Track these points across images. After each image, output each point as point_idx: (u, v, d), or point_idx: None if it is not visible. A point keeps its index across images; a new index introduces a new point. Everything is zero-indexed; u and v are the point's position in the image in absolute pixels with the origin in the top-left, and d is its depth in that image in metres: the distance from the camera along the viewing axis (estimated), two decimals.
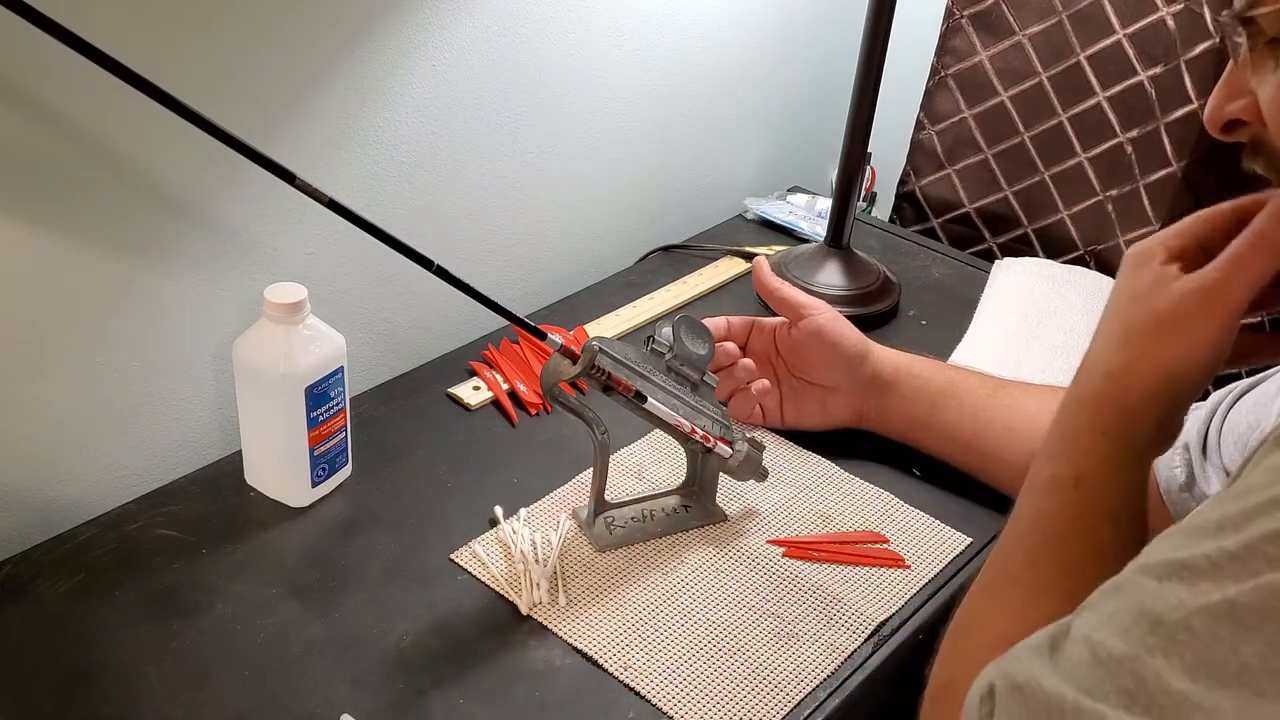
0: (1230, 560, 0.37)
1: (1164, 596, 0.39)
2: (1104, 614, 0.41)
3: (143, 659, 0.67)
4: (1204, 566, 0.38)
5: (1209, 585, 0.37)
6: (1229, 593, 0.37)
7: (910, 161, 1.27)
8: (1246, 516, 0.38)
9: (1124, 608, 0.40)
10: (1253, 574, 0.37)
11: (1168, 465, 0.75)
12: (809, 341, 0.87)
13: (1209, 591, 0.37)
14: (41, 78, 0.67)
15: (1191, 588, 0.38)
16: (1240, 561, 0.37)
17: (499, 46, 0.93)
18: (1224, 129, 0.53)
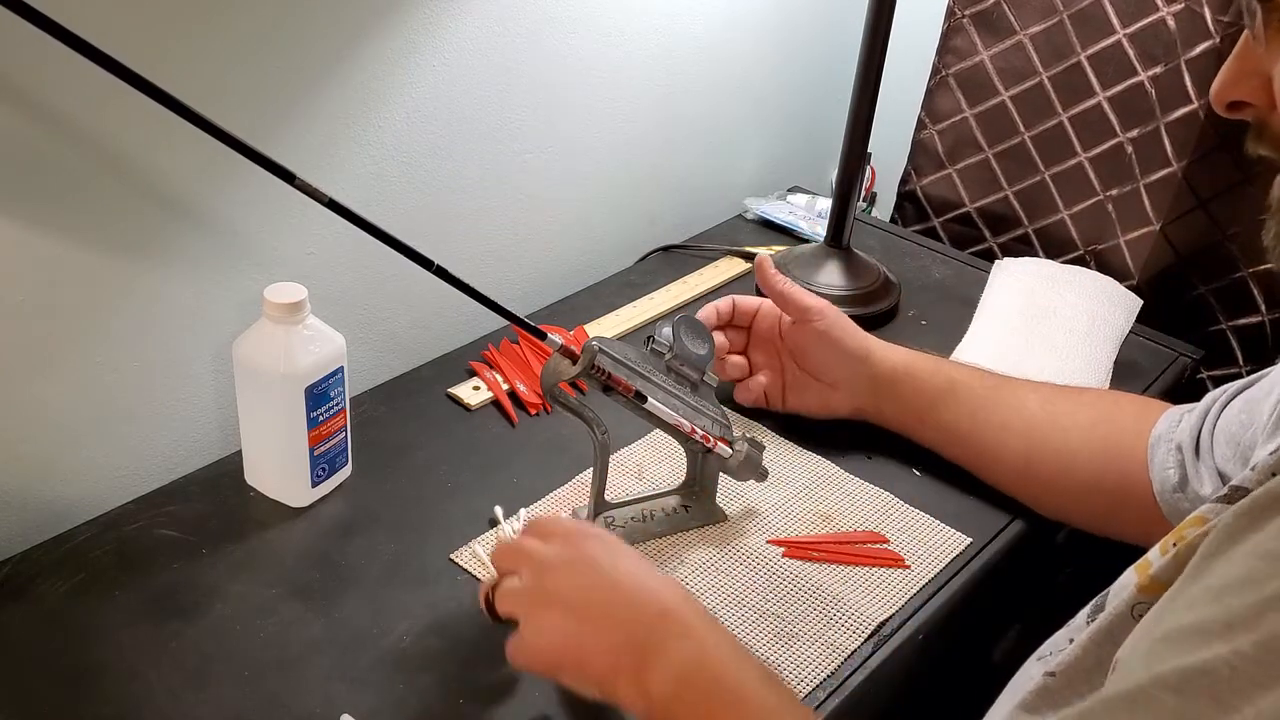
0: (1250, 664, 0.36)
1: (1192, 715, 0.37)
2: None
3: (143, 659, 0.67)
4: (1224, 674, 0.37)
5: (1236, 699, 0.36)
6: (1260, 705, 0.35)
7: (911, 161, 1.27)
8: (1255, 613, 0.37)
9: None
10: (1275, 679, 0.35)
11: (1161, 466, 0.75)
12: (811, 343, 0.87)
13: (1239, 705, 0.36)
14: (41, 78, 0.67)
15: (1219, 703, 0.36)
16: (1260, 665, 0.36)
17: (499, 46, 0.93)
18: (1229, 107, 0.52)
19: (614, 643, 0.58)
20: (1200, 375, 1.13)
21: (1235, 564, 0.39)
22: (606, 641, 0.58)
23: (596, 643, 0.58)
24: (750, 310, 0.90)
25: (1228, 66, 0.51)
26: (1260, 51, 0.49)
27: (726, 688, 0.56)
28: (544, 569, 0.61)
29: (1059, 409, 0.81)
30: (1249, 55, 0.50)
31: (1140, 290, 1.12)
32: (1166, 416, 0.77)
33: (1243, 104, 0.51)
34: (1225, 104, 0.52)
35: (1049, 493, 0.81)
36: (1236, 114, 0.52)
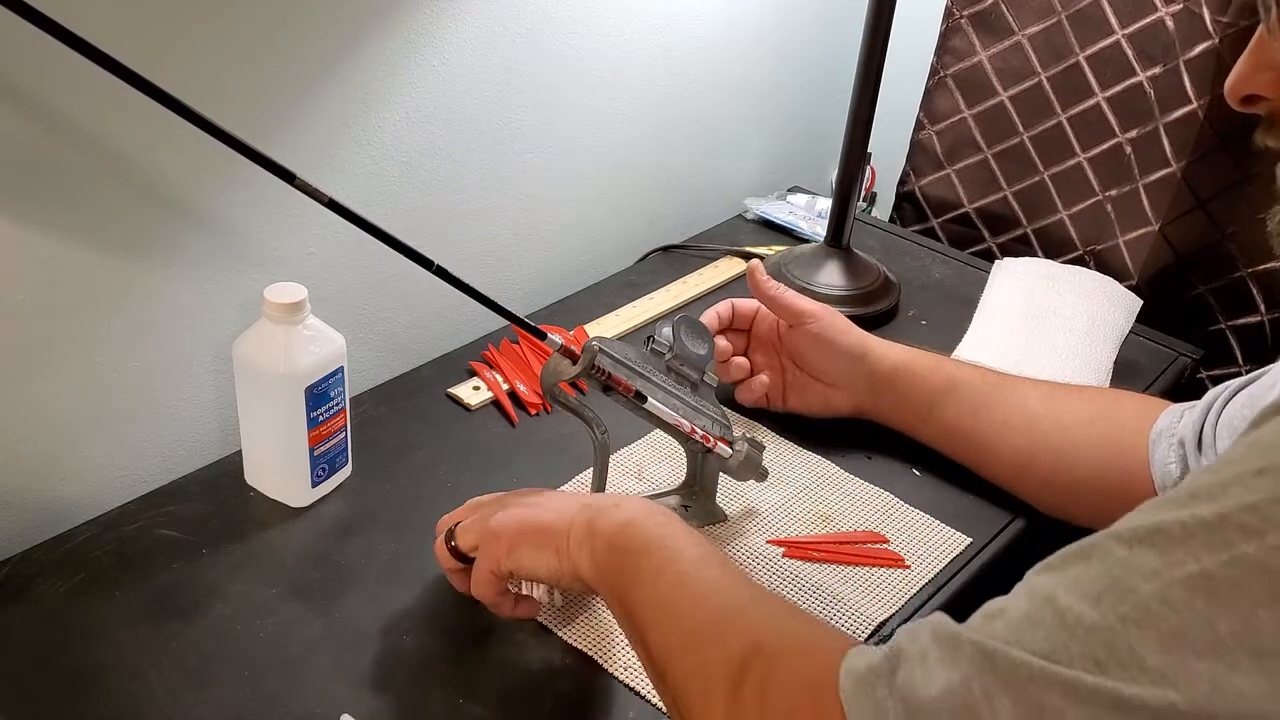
0: (1204, 529, 0.37)
1: (1136, 566, 0.38)
2: (1069, 578, 0.40)
3: (143, 659, 0.67)
4: (1177, 534, 0.38)
5: (1183, 554, 0.37)
6: (1205, 564, 0.36)
7: (910, 161, 1.27)
8: (1222, 487, 0.38)
9: (1093, 574, 0.39)
10: (1227, 544, 0.36)
11: (1163, 461, 0.75)
12: (807, 345, 0.87)
13: (1183, 561, 0.37)
14: (41, 78, 0.67)
15: (1165, 556, 0.38)
16: (1214, 530, 0.37)
17: (499, 46, 0.93)
18: (1244, 101, 0.52)
19: (566, 509, 0.65)
20: (1200, 375, 1.13)
21: (1221, 456, 0.41)
22: (559, 509, 0.65)
23: (551, 512, 0.65)
24: (749, 313, 0.90)
25: (1243, 61, 0.51)
26: (1275, 46, 0.49)
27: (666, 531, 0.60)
28: (489, 501, 0.70)
29: (1060, 406, 0.81)
30: (1264, 50, 0.50)
31: (1139, 290, 1.12)
32: (1168, 413, 0.77)
33: (1257, 98, 0.52)
34: (1240, 98, 0.52)
35: (1050, 489, 0.81)
36: (1251, 108, 0.53)
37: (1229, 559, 0.36)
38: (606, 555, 0.61)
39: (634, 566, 0.59)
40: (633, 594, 0.58)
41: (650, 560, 0.59)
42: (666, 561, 0.58)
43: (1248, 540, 0.36)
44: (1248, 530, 0.36)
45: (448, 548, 0.69)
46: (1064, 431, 0.80)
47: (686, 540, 0.60)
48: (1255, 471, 0.38)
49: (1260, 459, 0.38)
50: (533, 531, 0.64)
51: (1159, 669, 0.36)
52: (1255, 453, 0.39)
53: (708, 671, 0.52)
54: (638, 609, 0.58)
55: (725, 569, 0.58)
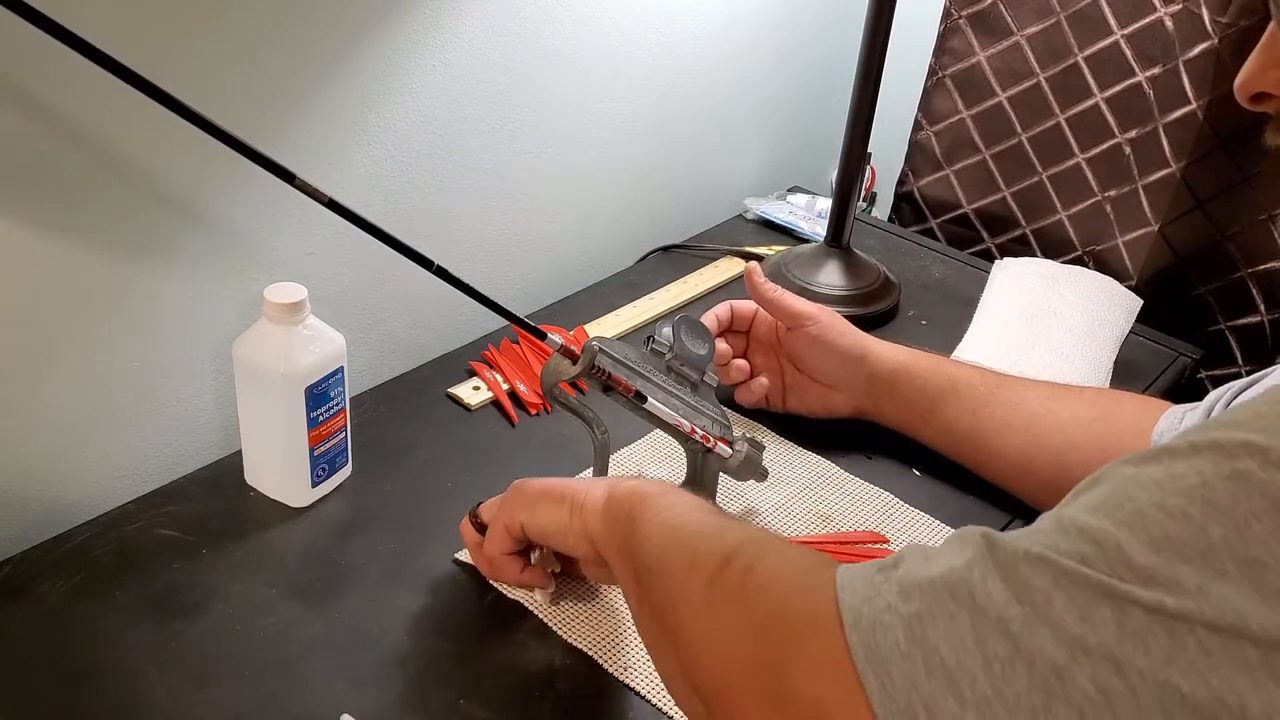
0: (1212, 447, 0.37)
1: (1139, 479, 0.39)
2: (1079, 501, 0.41)
3: (143, 659, 0.67)
4: (1184, 451, 0.38)
5: (1186, 467, 0.37)
6: (1207, 476, 0.37)
7: (908, 162, 1.27)
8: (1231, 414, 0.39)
9: (1099, 492, 0.40)
10: (1230, 459, 0.37)
11: None
12: (805, 347, 0.87)
13: (1186, 474, 0.37)
14: (41, 78, 0.67)
15: (1168, 469, 0.38)
16: (1221, 448, 0.37)
17: (499, 46, 0.93)
18: (1253, 99, 0.52)
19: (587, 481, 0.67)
20: (1200, 375, 1.13)
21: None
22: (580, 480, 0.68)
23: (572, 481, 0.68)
24: (748, 315, 0.90)
25: (1253, 59, 0.51)
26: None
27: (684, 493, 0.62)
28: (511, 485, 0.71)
29: (1059, 407, 0.81)
30: (1274, 47, 0.51)
31: (1139, 291, 1.12)
32: (1168, 414, 0.77)
33: (1266, 95, 0.52)
34: (1249, 95, 0.52)
35: (1049, 491, 0.81)
36: (1260, 106, 0.53)
37: (1231, 472, 0.36)
38: (616, 508, 0.62)
39: (640, 509, 0.60)
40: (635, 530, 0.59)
41: (657, 502, 0.60)
42: (672, 504, 0.59)
43: (1252, 457, 0.36)
44: (1253, 449, 0.36)
45: (471, 521, 0.73)
46: (1064, 432, 0.80)
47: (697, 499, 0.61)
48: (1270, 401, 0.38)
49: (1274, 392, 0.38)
50: (554, 490, 0.67)
51: (1147, 569, 0.37)
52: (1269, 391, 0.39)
53: (692, 560, 0.52)
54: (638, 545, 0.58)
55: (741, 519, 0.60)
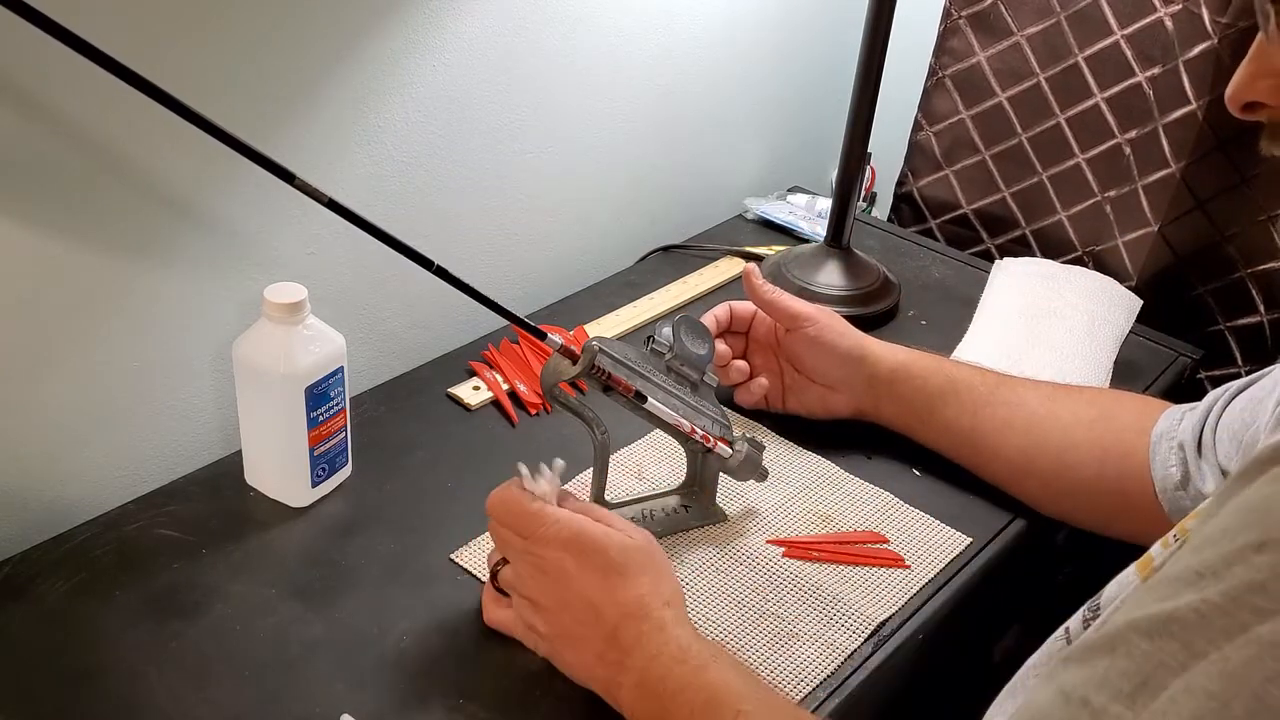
0: (1218, 613, 0.38)
1: (1162, 659, 0.38)
2: (1099, 674, 0.40)
3: (143, 659, 0.67)
4: (1193, 621, 0.38)
5: (1203, 643, 0.37)
6: (1224, 649, 0.37)
7: (908, 162, 1.27)
8: (1225, 563, 0.38)
9: (1122, 670, 0.40)
10: (1241, 628, 0.37)
11: (1163, 464, 0.75)
12: (804, 349, 0.87)
13: (1205, 651, 0.37)
14: (41, 78, 0.67)
15: (1187, 647, 0.38)
16: (1228, 615, 0.37)
17: (499, 46, 0.93)
18: (1244, 108, 0.52)
19: (586, 657, 0.64)
20: (1200, 375, 1.13)
21: (1219, 519, 0.41)
22: (579, 655, 0.65)
23: (573, 656, 0.65)
24: (747, 316, 0.90)
25: (1243, 68, 0.51)
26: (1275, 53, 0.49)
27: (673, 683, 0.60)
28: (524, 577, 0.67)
29: (1060, 407, 0.81)
30: (1264, 57, 0.50)
31: (1139, 291, 1.12)
32: (1167, 415, 0.77)
33: (1258, 105, 0.52)
34: (1240, 105, 0.52)
35: (1049, 491, 0.81)
36: (1251, 115, 0.52)
37: (1243, 641, 0.37)
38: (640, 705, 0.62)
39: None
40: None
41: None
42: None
43: (1261, 621, 0.37)
44: (1260, 612, 0.37)
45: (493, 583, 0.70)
46: (1064, 432, 0.80)
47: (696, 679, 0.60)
48: (1255, 546, 0.38)
49: (1259, 530, 0.38)
50: (567, 669, 0.66)
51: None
52: (1252, 521, 0.39)
53: None
54: None
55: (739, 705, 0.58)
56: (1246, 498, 0.40)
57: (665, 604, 0.63)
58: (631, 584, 0.64)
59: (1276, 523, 0.38)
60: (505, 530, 0.67)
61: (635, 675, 0.61)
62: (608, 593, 0.63)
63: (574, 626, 0.64)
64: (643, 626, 0.62)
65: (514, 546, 0.66)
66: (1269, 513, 0.38)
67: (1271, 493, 0.39)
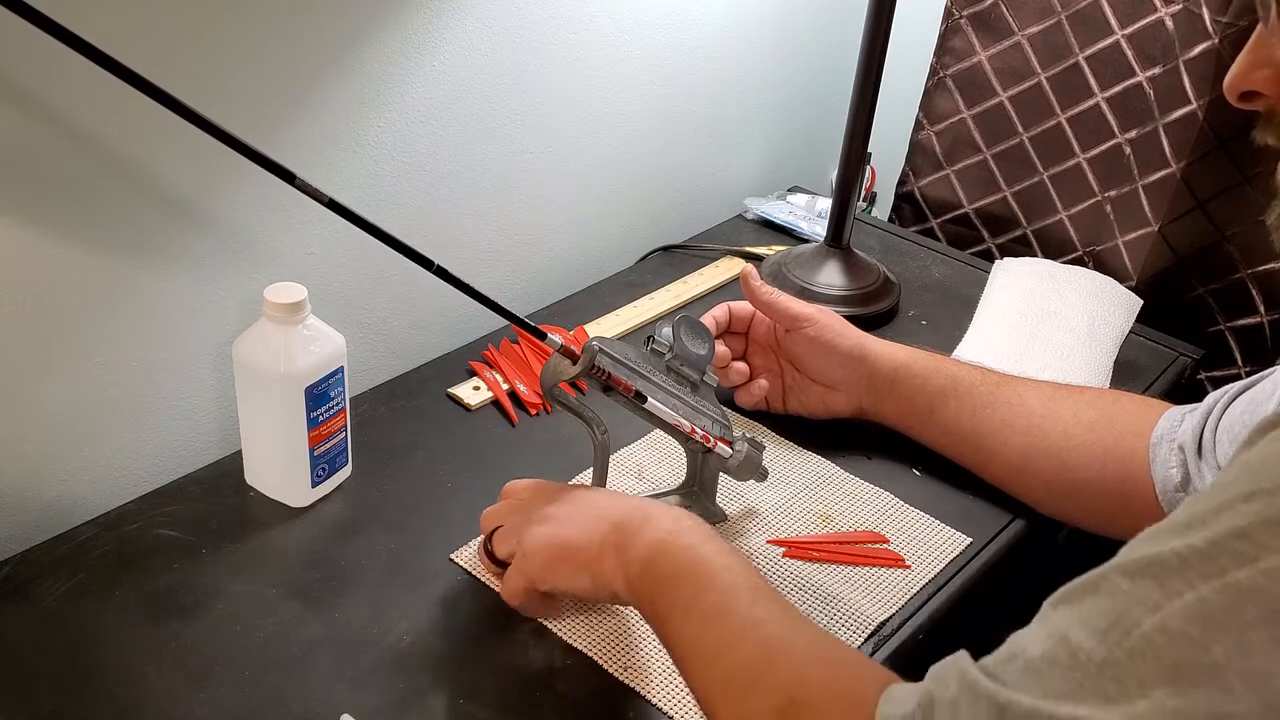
0: (1199, 557, 0.38)
1: (1139, 598, 0.39)
2: (1082, 613, 0.41)
3: (143, 659, 0.67)
4: (1174, 564, 0.39)
5: (1180, 583, 0.38)
6: (1201, 591, 0.37)
7: (909, 162, 1.27)
8: (1214, 512, 0.39)
9: (1100, 608, 0.40)
10: (1220, 571, 0.37)
11: (1164, 466, 0.75)
12: (804, 349, 0.87)
13: (1181, 591, 0.38)
14: (41, 78, 0.67)
15: (1163, 586, 0.39)
16: (1209, 559, 0.38)
17: (499, 46, 0.93)
18: (1242, 97, 0.53)
19: (597, 529, 0.65)
20: (1200, 376, 1.13)
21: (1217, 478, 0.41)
22: (590, 530, 0.65)
23: (582, 533, 0.66)
24: (746, 316, 0.90)
25: (1241, 58, 0.52)
26: (1274, 43, 0.50)
27: (697, 554, 0.61)
28: (525, 503, 0.70)
29: (1060, 407, 0.81)
30: (1262, 46, 0.51)
31: (1139, 291, 1.12)
32: (1168, 416, 0.77)
33: (1255, 94, 0.52)
34: (1238, 94, 0.52)
35: (1050, 492, 0.81)
36: (1249, 104, 0.53)
37: (1222, 585, 0.37)
38: (640, 582, 0.62)
39: (666, 597, 0.60)
40: (667, 626, 0.60)
41: (681, 591, 0.60)
42: (697, 592, 0.59)
43: (1240, 566, 0.37)
44: (1240, 556, 0.37)
45: (486, 553, 0.72)
46: (1064, 433, 0.80)
47: (716, 563, 0.60)
48: (1244, 496, 0.38)
49: (1249, 482, 0.39)
50: (564, 554, 0.66)
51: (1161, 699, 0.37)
52: (1245, 475, 0.39)
53: (752, 686, 0.54)
54: (673, 643, 0.60)
55: (755, 596, 0.59)
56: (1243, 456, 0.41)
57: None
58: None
59: (1269, 475, 0.38)
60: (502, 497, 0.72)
61: (658, 535, 0.63)
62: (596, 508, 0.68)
63: (587, 508, 0.67)
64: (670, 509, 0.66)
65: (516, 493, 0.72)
66: (1262, 467, 0.39)
67: (1270, 451, 0.39)
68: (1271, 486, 0.38)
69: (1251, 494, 0.38)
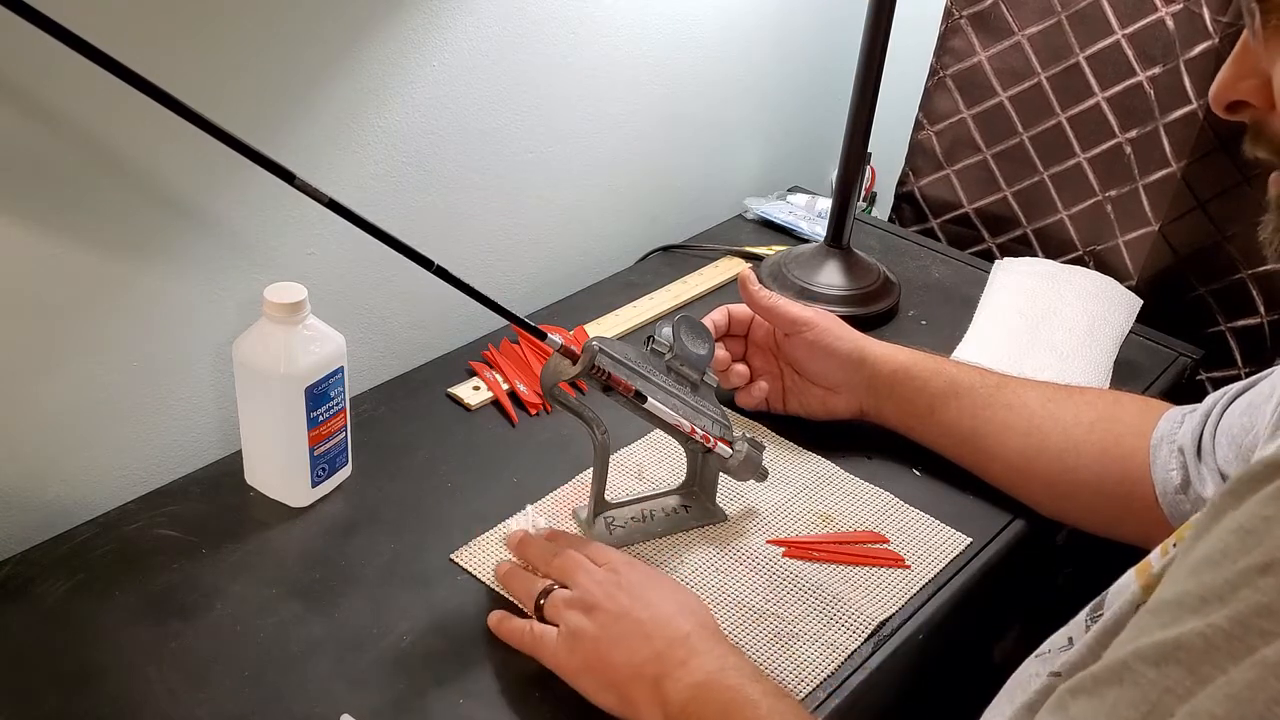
0: (1225, 639, 0.37)
1: (1168, 686, 0.38)
2: (1108, 704, 0.40)
3: (143, 659, 0.67)
4: (1200, 647, 0.38)
5: (1210, 668, 0.37)
6: (1231, 674, 0.37)
7: (909, 162, 1.27)
8: (1230, 587, 0.38)
9: (1129, 700, 0.39)
10: (1248, 650, 0.37)
11: (1163, 468, 0.75)
12: (803, 353, 0.87)
13: (1211, 676, 0.37)
14: (41, 78, 0.67)
15: (1193, 673, 0.38)
16: (1235, 639, 0.37)
17: (499, 46, 0.93)
18: (1228, 108, 0.52)
19: (638, 656, 0.64)
20: (1200, 376, 1.13)
21: (1214, 540, 0.40)
22: (631, 654, 0.64)
23: (622, 654, 0.64)
24: (745, 319, 0.90)
25: (1226, 67, 0.51)
26: (1259, 52, 0.49)
27: (742, 695, 0.60)
28: (591, 587, 0.68)
29: (1060, 408, 0.81)
30: (1248, 56, 0.50)
31: (1139, 291, 1.12)
32: (1168, 417, 0.77)
33: (1241, 105, 0.51)
34: (1224, 105, 0.52)
35: (1050, 493, 0.81)
36: (1235, 115, 0.52)
37: (1249, 664, 0.36)
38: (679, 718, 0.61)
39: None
40: None
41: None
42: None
43: (1267, 644, 0.36)
44: (1266, 634, 0.37)
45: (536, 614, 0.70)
46: (1064, 434, 0.80)
47: (763, 707, 0.60)
48: (1260, 569, 0.38)
49: (1261, 554, 0.38)
50: (598, 670, 0.65)
51: None
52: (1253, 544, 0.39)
53: None
54: None
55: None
56: (1241, 517, 0.40)
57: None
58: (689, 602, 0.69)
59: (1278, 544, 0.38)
60: (577, 561, 0.70)
61: (701, 675, 0.62)
62: (685, 604, 0.67)
63: (635, 627, 0.65)
64: (717, 642, 0.65)
65: (584, 567, 0.70)
66: (1269, 534, 0.38)
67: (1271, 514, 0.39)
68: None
69: (1267, 566, 0.37)
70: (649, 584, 0.69)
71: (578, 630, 0.66)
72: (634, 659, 0.64)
